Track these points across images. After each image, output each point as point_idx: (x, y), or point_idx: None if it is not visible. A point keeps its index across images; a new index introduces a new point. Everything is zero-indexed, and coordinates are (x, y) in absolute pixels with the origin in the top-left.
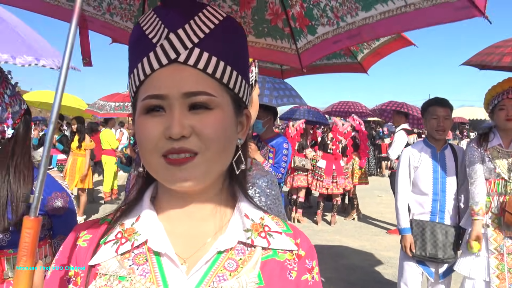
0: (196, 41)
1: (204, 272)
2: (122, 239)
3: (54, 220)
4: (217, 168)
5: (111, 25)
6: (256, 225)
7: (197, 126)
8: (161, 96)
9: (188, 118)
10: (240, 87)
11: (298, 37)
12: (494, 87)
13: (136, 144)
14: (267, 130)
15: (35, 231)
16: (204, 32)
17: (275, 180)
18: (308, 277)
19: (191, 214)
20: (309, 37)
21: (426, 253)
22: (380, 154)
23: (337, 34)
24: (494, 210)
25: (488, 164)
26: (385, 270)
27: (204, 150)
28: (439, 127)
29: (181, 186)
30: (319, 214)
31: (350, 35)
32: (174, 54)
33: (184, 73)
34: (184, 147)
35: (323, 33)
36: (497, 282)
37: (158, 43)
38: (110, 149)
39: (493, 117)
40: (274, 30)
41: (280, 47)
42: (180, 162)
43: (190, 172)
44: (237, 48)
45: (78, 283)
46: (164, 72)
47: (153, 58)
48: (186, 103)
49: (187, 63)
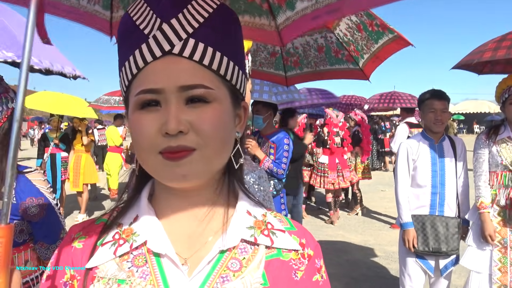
0: (191, 31)
1: (207, 273)
2: (120, 240)
3: (32, 226)
4: (216, 163)
5: (77, 9)
6: (258, 222)
7: (195, 122)
8: (156, 90)
9: (185, 113)
10: (237, 78)
11: (276, 13)
12: (505, 79)
13: None
14: (267, 126)
15: (7, 239)
16: (198, 22)
17: (265, 176)
18: (318, 277)
19: (190, 212)
20: (288, 12)
21: (429, 247)
22: (383, 149)
23: (316, 9)
24: (500, 203)
25: (495, 156)
26: (389, 265)
27: (203, 147)
28: (436, 120)
29: (180, 183)
30: (332, 214)
31: (329, 10)
32: (168, 46)
33: (180, 65)
34: (182, 145)
35: (302, 9)
36: (499, 275)
37: (151, 34)
38: (114, 146)
39: (504, 110)
40: (252, 7)
41: (259, 24)
42: (179, 157)
43: (189, 167)
44: (233, 37)
45: (75, 286)
46: (158, 65)
47: (145, 50)
48: (183, 97)
49: (182, 54)
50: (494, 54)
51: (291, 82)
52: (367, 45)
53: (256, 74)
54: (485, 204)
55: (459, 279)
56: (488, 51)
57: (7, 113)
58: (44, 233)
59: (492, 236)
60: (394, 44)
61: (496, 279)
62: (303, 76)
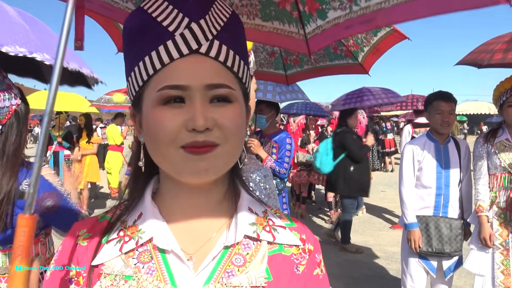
0: (215, 33)
1: (212, 268)
2: (125, 237)
3: (50, 219)
4: (233, 159)
5: (110, 5)
6: (260, 219)
7: (219, 120)
8: (182, 87)
9: (210, 111)
10: (247, 80)
11: (306, 21)
12: (502, 82)
13: None
14: (270, 126)
15: (30, 229)
16: (220, 25)
17: (270, 174)
18: (318, 271)
19: (194, 209)
20: (319, 21)
21: (432, 248)
22: (383, 149)
23: (349, 18)
24: (501, 205)
25: (494, 159)
26: (389, 266)
27: (225, 143)
28: (443, 122)
29: (202, 177)
30: (332, 214)
31: (363, 20)
32: (195, 45)
33: (206, 64)
34: (207, 140)
35: (334, 18)
36: (501, 278)
37: (177, 32)
38: (114, 145)
39: (502, 113)
40: (282, 14)
41: (288, 31)
42: (204, 151)
43: (212, 161)
44: (243, 41)
45: (81, 283)
46: (184, 63)
47: (172, 47)
48: (208, 95)
49: (209, 54)
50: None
51: (291, 80)
52: (366, 38)
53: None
54: (482, 208)
55: (459, 280)
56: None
57: (11, 110)
58: (64, 222)
59: (487, 239)
60: (392, 37)
61: (499, 282)
62: (303, 73)
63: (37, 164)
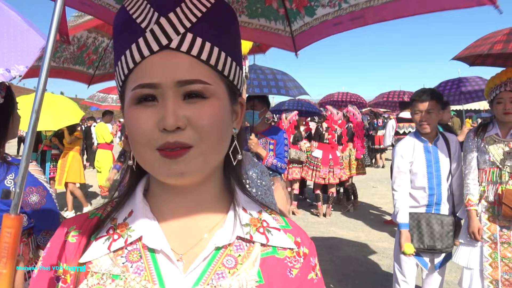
0: (189, 26)
1: (202, 269)
2: (115, 235)
3: (33, 216)
4: (213, 160)
5: (91, 1)
6: (254, 220)
7: (193, 118)
8: (153, 85)
9: (183, 108)
10: (235, 74)
11: (293, 19)
12: (492, 78)
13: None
14: (261, 122)
15: (16, 230)
16: (196, 16)
17: (266, 171)
18: (313, 275)
19: (186, 209)
20: (307, 18)
21: (424, 245)
22: (373, 146)
23: (338, 15)
24: (489, 199)
25: (483, 153)
26: (380, 261)
27: (200, 143)
28: (421, 122)
29: (177, 180)
30: (320, 206)
31: (352, 17)
32: (165, 40)
33: (177, 60)
34: (179, 141)
35: (323, 15)
36: (489, 270)
37: (148, 28)
38: (104, 143)
39: (492, 108)
40: (268, 11)
41: (274, 28)
42: (176, 155)
43: (186, 164)
44: (230, 32)
45: (68, 281)
46: (155, 59)
47: (142, 45)
48: (180, 92)
49: (180, 49)
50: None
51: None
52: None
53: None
54: (472, 202)
55: (449, 274)
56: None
57: None
58: (49, 220)
59: (476, 233)
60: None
61: (488, 274)
62: None
63: (23, 163)
